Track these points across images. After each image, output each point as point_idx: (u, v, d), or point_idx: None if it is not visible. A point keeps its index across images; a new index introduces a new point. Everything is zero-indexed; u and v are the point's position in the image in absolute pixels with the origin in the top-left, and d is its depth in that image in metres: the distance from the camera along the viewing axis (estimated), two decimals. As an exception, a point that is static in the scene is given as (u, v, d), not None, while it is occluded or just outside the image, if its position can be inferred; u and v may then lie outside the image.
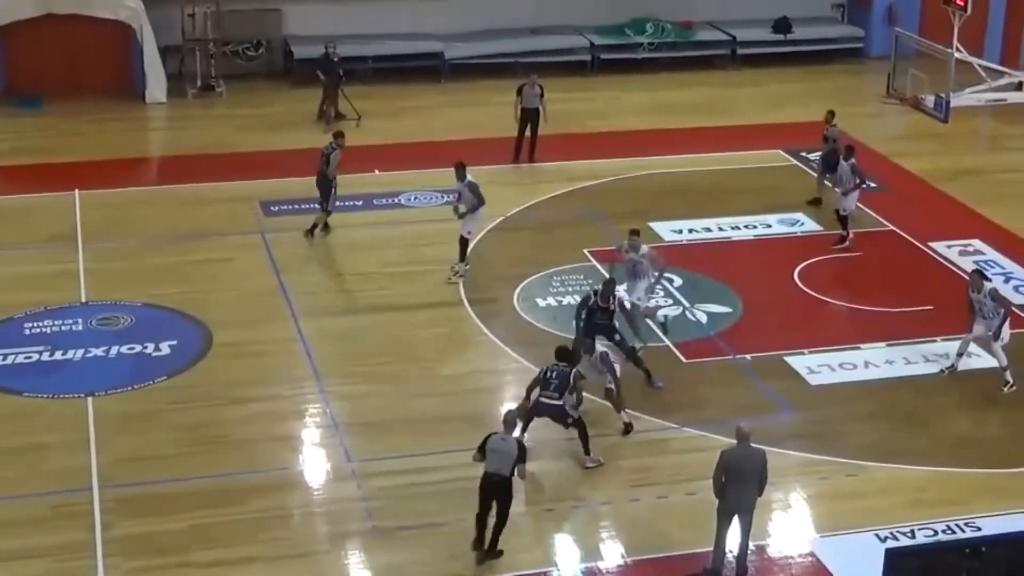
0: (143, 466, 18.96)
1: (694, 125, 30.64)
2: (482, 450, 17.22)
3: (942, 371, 21.87)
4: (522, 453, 17.03)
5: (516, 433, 17.82)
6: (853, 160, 26.41)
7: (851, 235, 26.23)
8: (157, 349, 22.13)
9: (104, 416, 20.19)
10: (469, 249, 24.94)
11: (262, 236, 26.67)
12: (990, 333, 21.25)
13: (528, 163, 30.75)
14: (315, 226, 26.58)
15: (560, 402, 18.88)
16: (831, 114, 28.39)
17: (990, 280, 22.07)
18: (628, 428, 20.04)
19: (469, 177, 24.83)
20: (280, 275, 24.84)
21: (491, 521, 17.06)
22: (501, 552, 17.08)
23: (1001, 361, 21.31)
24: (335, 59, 33.53)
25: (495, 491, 17.03)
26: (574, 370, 19.08)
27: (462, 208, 24.82)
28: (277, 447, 19.69)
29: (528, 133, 30.69)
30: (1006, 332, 21.33)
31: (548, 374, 19.01)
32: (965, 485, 19.09)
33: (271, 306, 23.78)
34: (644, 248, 22.67)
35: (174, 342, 22.35)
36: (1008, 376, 21.33)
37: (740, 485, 16.41)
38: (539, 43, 38.32)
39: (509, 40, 38.08)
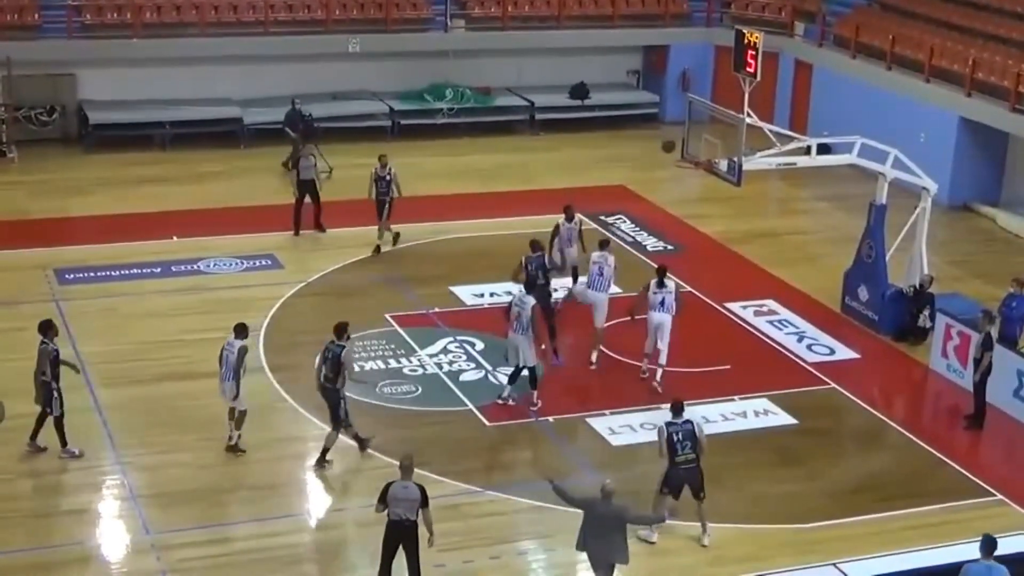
0: (-70, 545, 18.37)
1: (494, 190, 30.88)
2: (383, 500, 16.95)
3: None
4: (424, 498, 16.91)
5: None
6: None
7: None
8: (-56, 422, 21.46)
9: None
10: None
11: (56, 304, 26.08)
12: None
13: (318, 231, 30.37)
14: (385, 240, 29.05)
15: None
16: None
17: None
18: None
19: (577, 216, 26.84)
20: (75, 344, 24.29)
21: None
22: None
23: None
24: (305, 115, 34.04)
25: (402, 538, 16.95)
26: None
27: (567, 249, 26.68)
28: (72, 521, 19.20)
29: (310, 202, 30.25)
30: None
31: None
32: (764, 541, 19.44)
33: (66, 376, 23.20)
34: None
35: (-38, 414, 21.69)
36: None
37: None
38: (339, 108, 38.40)
39: (309, 105, 37.98)
